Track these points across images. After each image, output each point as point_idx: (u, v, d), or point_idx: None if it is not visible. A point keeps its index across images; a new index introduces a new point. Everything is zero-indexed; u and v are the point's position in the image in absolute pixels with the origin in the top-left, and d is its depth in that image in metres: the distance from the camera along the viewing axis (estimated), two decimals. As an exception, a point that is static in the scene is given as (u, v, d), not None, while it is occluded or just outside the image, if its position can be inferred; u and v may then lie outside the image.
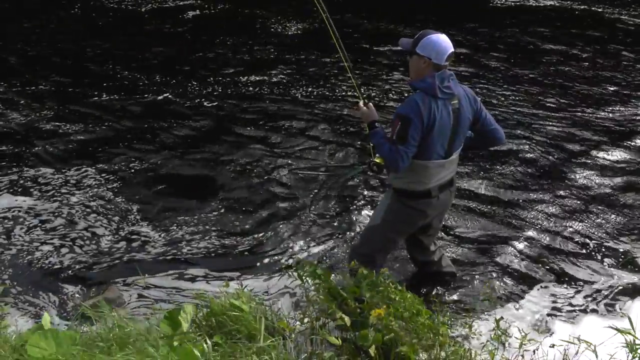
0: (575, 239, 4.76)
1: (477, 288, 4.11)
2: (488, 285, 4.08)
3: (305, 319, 3.06)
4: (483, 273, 4.28)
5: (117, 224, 4.93)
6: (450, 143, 3.41)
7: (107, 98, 7.60)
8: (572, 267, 4.41)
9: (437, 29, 3.37)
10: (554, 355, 3.03)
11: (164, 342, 2.53)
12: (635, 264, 4.46)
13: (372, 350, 2.66)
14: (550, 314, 3.90)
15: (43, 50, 9.49)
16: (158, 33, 10.56)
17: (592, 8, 12.21)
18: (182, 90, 7.83)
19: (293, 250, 4.59)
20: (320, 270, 3.14)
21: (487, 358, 2.95)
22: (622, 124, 6.93)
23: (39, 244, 4.66)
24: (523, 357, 3.02)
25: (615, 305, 4.01)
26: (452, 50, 3.29)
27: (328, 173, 5.78)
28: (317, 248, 4.60)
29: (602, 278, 4.29)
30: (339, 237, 4.74)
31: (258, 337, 2.71)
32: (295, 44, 9.85)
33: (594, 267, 4.43)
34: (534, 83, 8.22)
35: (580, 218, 5.05)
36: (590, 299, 4.06)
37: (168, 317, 2.72)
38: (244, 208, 5.17)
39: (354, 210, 5.06)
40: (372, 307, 2.82)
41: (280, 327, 2.97)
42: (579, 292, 4.14)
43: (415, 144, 3.28)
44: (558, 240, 4.73)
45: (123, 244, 4.69)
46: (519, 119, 6.93)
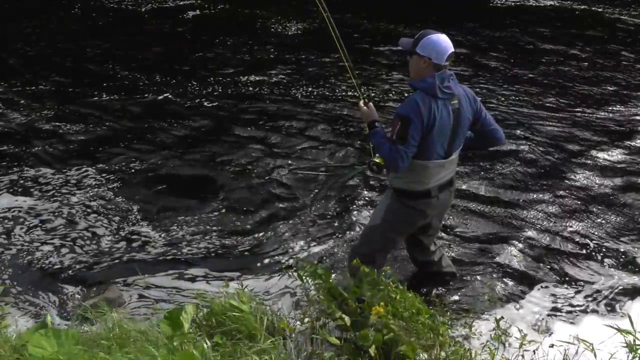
0: (575, 239, 4.75)
1: (477, 288, 4.11)
2: (488, 285, 4.08)
3: (306, 319, 3.06)
4: (483, 273, 4.28)
5: (117, 224, 4.94)
6: (450, 143, 3.41)
7: (107, 98, 7.61)
8: (572, 267, 4.41)
9: (437, 29, 3.37)
10: (554, 356, 3.03)
11: (164, 342, 2.53)
12: (635, 264, 4.46)
13: (372, 350, 2.66)
14: (551, 314, 3.90)
15: (43, 50, 9.50)
16: (158, 33, 10.56)
17: (592, 8, 12.21)
18: (182, 90, 7.83)
19: (293, 250, 4.59)
20: (321, 270, 3.14)
21: (487, 358, 2.95)
22: (622, 124, 6.93)
23: (39, 244, 4.66)
24: (523, 357, 3.02)
25: (616, 305, 4.01)
26: (452, 50, 3.29)
27: (328, 173, 5.78)
28: (317, 248, 4.60)
29: (602, 278, 4.29)
30: (339, 237, 4.74)
31: (258, 337, 2.71)
32: (295, 44, 9.85)
33: (594, 267, 4.43)
34: (534, 83, 8.21)
35: (580, 218, 5.05)
36: (591, 299, 4.06)
37: (168, 317, 2.72)
38: (244, 208, 5.17)
39: (354, 210, 5.06)
40: (372, 306, 2.81)
41: (281, 327, 2.97)
42: (579, 292, 4.14)
43: (415, 144, 3.28)
44: (558, 240, 4.73)
45: (123, 244, 4.69)
46: (519, 119, 6.93)
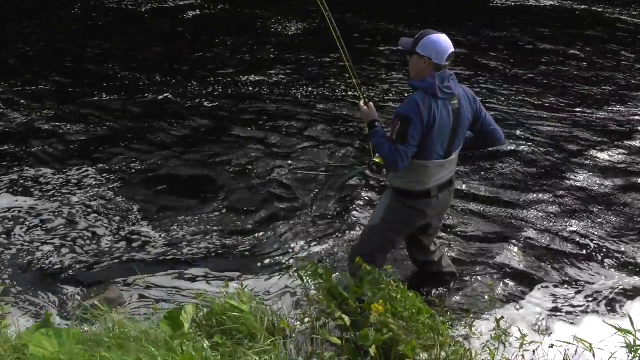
0: (576, 239, 4.75)
1: (477, 288, 4.11)
2: (488, 285, 4.08)
3: (306, 319, 3.06)
4: (483, 273, 4.28)
5: (117, 224, 4.93)
6: (450, 143, 3.41)
7: (107, 98, 7.61)
8: (572, 267, 4.41)
9: (437, 29, 3.37)
10: (554, 356, 3.03)
11: (165, 342, 2.53)
12: (636, 264, 4.46)
13: (372, 350, 2.66)
14: (551, 314, 3.90)
15: (43, 50, 9.50)
16: (158, 33, 10.56)
17: (592, 8, 12.21)
18: (182, 90, 7.83)
19: (293, 250, 4.59)
20: (322, 270, 3.14)
21: (487, 358, 2.95)
22: (622, 124, 6.92)
23: (40, 244, 4.66)
24: (523, 357, 3.01)
25: (616, 305, 4.01)
26: (452, 51, 3.29)
27: (328, 173, 5.78)
28: (317, 248, 4.60)
29: (602, 278, 4.29)
30: (339, 237, 4.73)
31: (259, 337, 2.71)
32: (295, 44, 9.85)
33: (594, 267, 4.43)
34: (534, 83, 8.21)
35: (581, 218, 5.05)
36: (591, 299, 4.06)
37: (168, 317, 2.72)
38: (245, 208, 5.17)
39: (354, 210, 5.06)
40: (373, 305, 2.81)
41: (281, 327, 2.97)
42: (580, 292, 4.14)
43: (415, 144, 3.27)
44: (558, 240, 4.73)
45: (123, 244, 4.69)
46: (519, 119, 6.93)
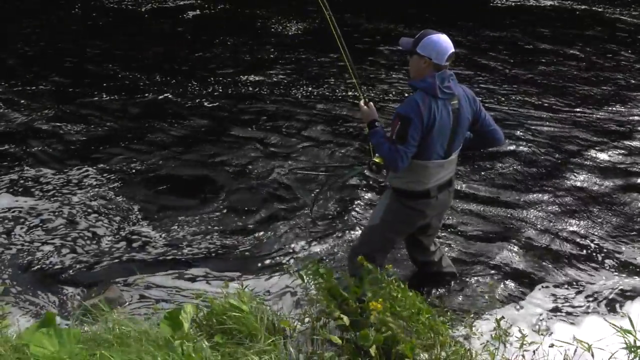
0: (576, 239, 4.75)
1: (477, 288, 4.11)
2: (489, 286, 4.08)
3: (306, 319, 3.06)
4: (483, 273, 4.28)
5: (117, 224, 4.94)
6: (450, 143, 3.41)
7: (107, 98, 7.61)
8: (572, 267, 4.41)
9: (437, 29, 3.36)
10: (554, 356, 3.03)
11: (165, 342, 2.53)
12: (636, 265, 4.46)
13: (372, 350, 2.66)
14: (551, 314, 3.90)
15: (43, 50, 9.50)
16: (158, 33, 10.57)
17: (592, 8, 12.21)
18: (182, 90, 7.83)
19: (293, 250, 4.59)
20: (323, 269, 3.14)
21: (487, 358, 2.95)
22: (622, 124, 6.92)
23: (40, 244, 4.66)
24: (524, 357, 3.01)
25: (616, 306, 4.01)
26: (452, 51, 3.29)
27: (328, 173, 5.78)
28: (317, 248, 4.61)
29: (602, 278, 4.29)
30: (339, 237, 4.73)
31: (259, 337, 2.71)
32: (295, 44, 9.85)
33: (595, 267, 4.42)
34: (534, 83, 8.21)
35: (581, 218, 5.04)
36: (591, 299, 4.06)
37: (168, 317, 2.72)
38: (245, 208, 5.17)
39: (354, 210, 5.06)
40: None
41: (281, 326, 2.97)
42: (580, 292, 4.14)
43: (415, 144, 3.27)
44: (558, 241, 4.73)
45: (123, 244, 4.69)
46: (519, 119, 6.93)
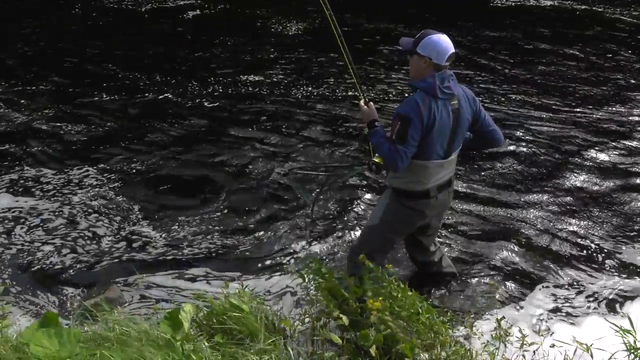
0: (576, 240, 4.75)
1: (477, 288, 4.11)
2: (490, 285, 4.08)
3: (306, 319, 3.06)
4: (483, 273, 4.28)
5: (118, 224, 4.94)
6: (450, 143, 3.41)
7: (107, 98, 7.61)
8: (572, 267, 4.41)
9: (437, 29, 3.36)
10: (555, 356, 3.03)
11: (165, 342, 2.53)
12: (636, 265, 4.46)
13: (372, 350, 2.66)
14: (551, 314, 3.90)
15: (43, 50, 9.50)
16: (158, 33, 10.57)
17: (592, 8, 12.21)
18: (182, 90, 7.84)
19: (293, 250, 4.59)
20: (325, 269, 3.14)
21: (487, 358, 2.95)
22: (622, 124, 6.92)
23: (40, 244, 4.66)
24: (524, 357, 3.01)
25: (616, 306, 4.01)
26: (452, 51, 3.29)
27: (328, 173, 5.78)
28: (317, 248, 4.61)
29: (602, 278, 4.29)
30: (339, 237, 4.74)
31: (259, 337, 2.71)
32: (295, 44, 9.85)
33: (595, 267, 4.42)
34: (534, 83, 8.21)
35: (581, 218, 5.04)
36: (591, 300, 4.06)
37: (168, 317, 2.72)
38: (245, 208, 5.17)
39: (354, 210, 5.06)
40: (373, 303, 2.81)
41: (281, 326, 2.97)
42: (580, 292, 4.13)
43: (415, 144, 3.27)
44: (558, 241, 4.73)
45: (124, 244, 4.69)
46: (519, 120, 6.93)
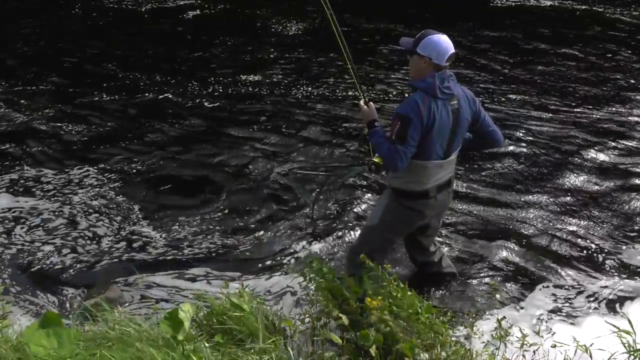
0: (576, 240, 4.75)
1: (477, 288, 4.12)
2: (491, 285, 4.08)
3: (307, 319, 3.06)
4: (483, 273, 4.28)
5: (118, 224, 4.94)
6: (449, 143, 3.41)
7: (107, 98, 7.61)
8: (572, 267, 4.41)
9: (436, 29, 3.37)
10: (555, 356, 3.03)
11: (165, 342, 2.53)
12: (636, 265, 4.46)
13: (372, 350, 2.66)
14: (551, 315, 3.90)
15: (43, 50, 9.50)
16: (158, 33, 10.57)
17: (592, 8, 12.21)
18: (182, 90, 7.84)
19: (293, 250, 4.59)
20: (327, 268, 3.14)
21: (487, 358, 2.95)
22: (622, 124, 6.92)
23: (40, 244, 4.66)
24: (524, 357, 3.02)
25: (616, 306, 4.00)
26: (452, 51, 3.29)
27: (327, 173, 5.78)
28: (317, 248, 4.61)
29: (602, 278, 4.29)
30: (339, 237, 4.73)
31: (259, 336, 2.71)
32: (295, 44, 9.85)
33: (595, 267, 4.42)
34: (534, 83, 8.21)
35: (581, 218, 5.04)
36: (591, 300, 4.06)
37: (168, 317, 2.72)
38: (245, 208, 5.17)
39: (354, 210, 5.06)
40: (372, 302, 2.81)
41: (281, 326, 2.97)
42: (580, 292, 4.13)
43: (415, 144, 3.27)
44: (558, 241, 4.72)
45: (124, 244, 4.69)
46: (519, 120, 6.93)
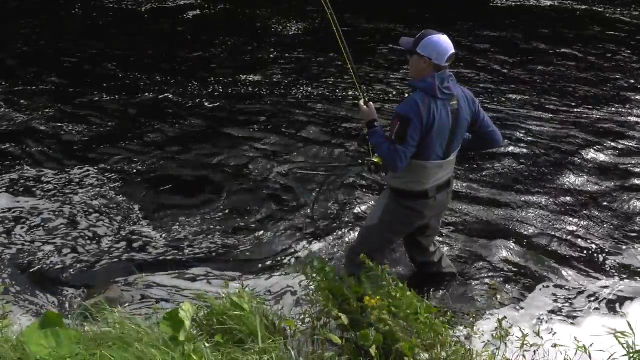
0: (576, 240, 4.75)
1: (477, 288, 4.11)
2: (491, 285, 4.08)
3: (307, 319, 3.06)
4: (483, 273, 4.28)
5: (118, 224, 4.94)
6: (449, 144, 3.41)
7: (107, 98, 7.62)
8: (572, 267, 4.41)
9: (437, 29, 3.37)
10: (555, 356, 3.03)
11: (165, 342, 2.53)
12: (636, 266, 4.46)
13: (372, 350, 2.66)
14: (551, 315, 3.90)
15: (43, 50, 9.51)
16: (158, 33, 10.57)
17: (592, 8, 12.22)
18: (182, 90, 7.84)
19: (293, 250, 4.59)
20: (329, 268, 3.14)
21: (487, 358, 2.95)
22: (622, 124, 6.92)
23: (40, 244, 4.66)
24: (524, 357, 3.02)
25: (616, 306, 4.00)
26: (452, 52, 3.28)
27: (327, 173, 5.79)
28: (317, 248, 4.61)
29: (602, 279, 4.29)
30: (339, 237, 4.74)
31: (259, 336, 2.71)
32: (295, 44, 9.86)
33: (595, 267, 4.42)
34: (534, 83, 8.21)
35: (581, 218, 5.04)
36: (592, 300, 4.06)
37: (168, 317, 2.72)
38: (245, 208, 5.17)
39: (353, 210, 5.06)
40: (372, 301, 2.81)
41: (281, 326, 2.97)
42: (580, 293, 4.13)
43: (414, 144, 3.27)
44: (558, 241, 4.72)
45: (124, 244, 4.69)
46: (519, 120, 6.93)
